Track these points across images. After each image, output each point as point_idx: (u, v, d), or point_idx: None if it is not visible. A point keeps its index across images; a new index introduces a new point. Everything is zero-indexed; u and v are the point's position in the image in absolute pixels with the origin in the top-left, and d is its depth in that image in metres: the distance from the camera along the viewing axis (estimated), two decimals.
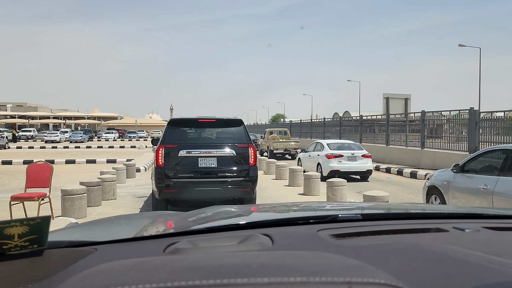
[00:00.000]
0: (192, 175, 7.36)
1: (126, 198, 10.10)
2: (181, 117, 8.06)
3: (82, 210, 7.57)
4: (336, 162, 13.38)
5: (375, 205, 2.30)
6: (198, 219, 1.67)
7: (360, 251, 0.99)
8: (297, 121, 35.57)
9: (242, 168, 7.52)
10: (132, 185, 12.44)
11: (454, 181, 6.89)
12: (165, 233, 1.33)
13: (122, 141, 51.97)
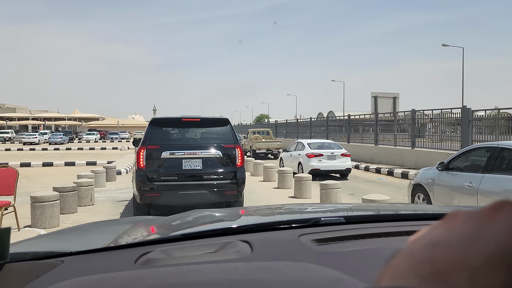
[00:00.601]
0: (176, 178, 6.97)
1: (105, 203, 9.43)
2: (164, 117, 7.64)
3: (55, 218, 6.90)
4: (316, 161, 13.69)
5: (359, 206, 2.27)
6: (178, 224, 1.62)
7: (343, 258, 0.96)
8: (283, 121, 35.16)
9: (229, 170, 7.17)
10: (112, 189, 11.76)
11: (439, 179, 6.92)
12: (138, 242, 1.25)
13: (103, 142, 50.87)
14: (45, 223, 6.75)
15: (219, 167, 7.15)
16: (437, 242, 0.28)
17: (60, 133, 49.19)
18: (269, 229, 1.30)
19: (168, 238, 1.23)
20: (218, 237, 1.20)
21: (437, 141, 15.45)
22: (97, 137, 54.51)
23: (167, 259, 1.01)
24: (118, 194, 10.77)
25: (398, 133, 17.83)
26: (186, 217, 1.75)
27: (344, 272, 0.87)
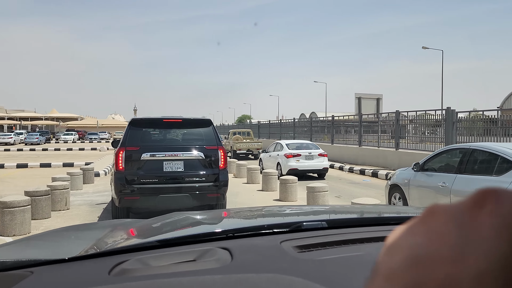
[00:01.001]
0: (156, 181, 6.78)
1: (81, 207, 8.97)
2: (144, 117, 7.41)
3: (25, 225, 6.44)
4: (294, 161, 13.96)
5: (341, 208, 2.22)
6: (156, 229, 1.58)
7: (325, 266, 0.96)
8: (266, 122, 34.92)
9: (211, 172, 7.00)
10: (90, 192, 11.28)
11: (415, 179, 7.10)
12: (113, 250, 1.18)
13: (82, 143, 49.82)
14: (15, 230, 6.30)
15: (201, 169, 6.96)
16: (419, 257, 0.25)
17: (37, 133, 47.84)
18: (250, 234, 1.27)
19: (145, 246, 1.17)
20: (197, 244, 1.16)
21: (421, 142, 15.41)
22: (75, 137, 53.45)
23: (143, 269, 0.96)
24: (96, 197, 10.33)
25: (382, 134, 17.77)
26: (166, 221, 1.69)
27: (326, 282, 0.85)
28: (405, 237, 0.27)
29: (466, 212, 0.26)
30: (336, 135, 21.85)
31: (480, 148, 6.20)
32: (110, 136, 59.60)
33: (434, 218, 0.27)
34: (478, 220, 0.25)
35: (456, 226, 0.25)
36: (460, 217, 0.26)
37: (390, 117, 17.66)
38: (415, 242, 0.26)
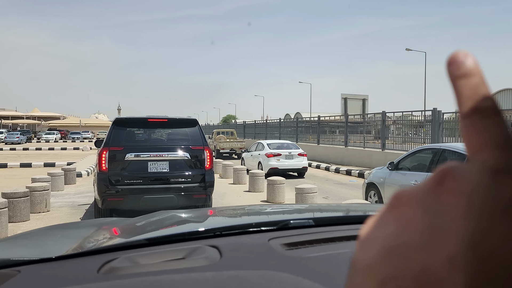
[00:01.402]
0: (140, 181, 6.67)
1: (62, 209, 8.69)
2: (128, 117, 7.26)
3: (2, 228, 6.17)
4: (275, 161, 14.37)
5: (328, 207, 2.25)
6: (144, 227, 1.57)
7: (312, 264, 0.97)
8: (251, 122, 34.79)
9: (197, 172, 6.93)
10: (71, 193, 10.96)
11: (389, 178, 7.45)
12: (101, 248, 1.16)
13: (64, 142, 48.86)
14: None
15: (187, 170, 6.87)
16: (393, 248, 0.24)
17: (17, 133, 46.80)
18: (238, 232, 1.28)
19: (133, 244, 1.16)
20: (186, 242, 1.16)
21: (406, 143, 15.43)
22: (57, 136, 52.52)
23: (132, 267, 0.96)
24: (78, 199, 10.04)
25: (368, 135, 17.78)
26: (153, 219, 1.69)
27: (314, 278, 0.87)
28: (377, 228, 0.26)
29: (429, 194, 0.25)
30: (322, 136, 21.83)
31: (449, 148, 6.64)
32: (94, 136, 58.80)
33: (401, 204, 0.26)
34: (442, 201, 0.24)
35: (423, 211, 0.24)
36: (425, 200, 0.24)
37: (376, 117, 17.69)
38: (387, 232, 0.25)
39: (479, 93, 0.24)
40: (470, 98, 0.24)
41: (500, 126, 0.23)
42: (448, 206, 0.23)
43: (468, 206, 0.22)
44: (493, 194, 0.22)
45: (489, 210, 0.21)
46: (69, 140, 53.64)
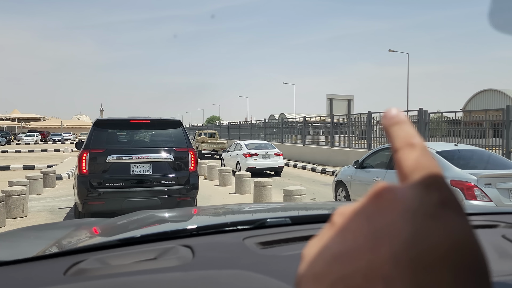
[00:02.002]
0: (122, 184, 6.56)
1: (41, 214, 8.35)
2: (110, 118, 7.13)
3: None
4: (252, 160, 15.00)
5: (306, 205, 2.30)
6: (120, 228, 1.56)
7: (286, 262, 0.97)
8: (236, 123, 34.56)
9: (181, 174, 6.82)
10: (51, 197, 10.59)
11: (355, 175, 7.94)
12: (70, 249, 1.14)
13: (45, 144, 47.97)
14: None
15: (171, 172, 6.77)
16: (339, 254, 0.26)
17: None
18: (214, 232, 1.27)
19: (105, 245, 1.15)
20: (160, 242, 1.15)
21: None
22: (37, 138, 51.49)
23: (101, 268, 0.94)
24: (57, 203, 9.69)
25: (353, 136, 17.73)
26: (129, 220, 1.69)
27: (286, 277, 0.87)
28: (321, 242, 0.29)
29: (369, 205, 0.28)
30: (308, 136, 21.70)
31: None
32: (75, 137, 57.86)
33: (343, 219, 0.29)
34: (381, 210, 0.27)
35: (364, 220, 0.27)
36: (366, 211, 0.28)
37: (362, 117, 17.66)
38: (332, 243, 0.28)
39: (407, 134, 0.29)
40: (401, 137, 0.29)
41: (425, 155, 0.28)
42: (387, 213, 0.26)
43: (405, 211, 0.26)
44: (424, 201, 0.26)
45: (423, 213, 0.25)
46: (50, 141, 52.72)
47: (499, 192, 5.63)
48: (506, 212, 1.58)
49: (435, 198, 0.26)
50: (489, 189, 5.61)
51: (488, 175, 5.69)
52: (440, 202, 0.26)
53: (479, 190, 5.57)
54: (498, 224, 1.35)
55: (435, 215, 0.25)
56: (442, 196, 0.26)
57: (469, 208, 2.01)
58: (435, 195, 0.26)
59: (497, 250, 1.08)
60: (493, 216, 1.48)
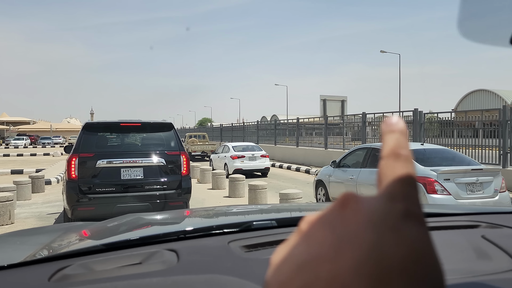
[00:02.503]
0: (113, 189, 6.41)
1: (28, 220, 8.07)
2: (99, 121, 7.16)
3: None
4: (239, 162, 15.44)
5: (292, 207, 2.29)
6: (107, 232, 1.58)
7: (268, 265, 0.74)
8: (228, 124, 34.33)
9: (173, 179, 6.69)
10: (39, 203, 10.28)
11: (333, 175, 8.46)
12: (55, 255, 1.15)
13: (34, 148, 47.25)
14: None
15: (162, 176, 6.63)
16: (303, 263, 0.27)
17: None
18: (200, 235, 1.27)
19: (90, 250, 1.14)
20: (145, 247, 1.15)
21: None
22: (27, 142, 50.95)
23: (85, 274, 0.95)
24: (46, 208, 9.40)
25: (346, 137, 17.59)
26: (117, 223, 1.70)
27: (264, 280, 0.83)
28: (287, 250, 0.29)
29: (334, 215, 0.28)
30: (301, 138, 21.53)
31: (377, 147, 7.86)
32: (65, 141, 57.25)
33: (309, 227, 0.29)
34: (346, 219, 0.27)
35: (329, 229, 0.27)
36: (331, 220, 0.28)
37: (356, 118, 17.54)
38: (297, 251, 0.28)
39: (397, 143, 0.30)
40: (390, 146, 0.30)
41: (406, 167, 0.29)
42: (351, 223, 0.27)
43: (368, 222, 0.26)
44: (388, 212, 0.27)
45: (385, 225, 0.26)
46: (39, 145, 52.09)
47: (457, 186, 6.26)
48: (488, 212, 1.62)
49: (398, 209, 0.27)
50: (448, 183, 6.19)
51: (447, 171, 6.29)
52: (403, 214, 0.26)
53: (439, 185, 6.14)
54: (479, 224, 1.37)
55: (396, 227, 0.26)
56: (405, 208, 0.27)
57: (451, 208, 1.99)
58: (398, 207, 0.27)
59: (476, 251, 1.09)
60: (474, 216, 1.49)
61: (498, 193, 6.57)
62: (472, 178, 6.38)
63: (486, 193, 6.47)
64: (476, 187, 6.42)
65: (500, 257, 1.07)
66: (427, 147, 7.45)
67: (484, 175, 6.51)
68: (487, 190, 6.48)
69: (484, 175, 6.51)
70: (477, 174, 6.46)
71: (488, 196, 6.45)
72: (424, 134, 12.87)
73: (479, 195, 6.39)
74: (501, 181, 6.67)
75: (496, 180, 6.60)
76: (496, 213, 1.63)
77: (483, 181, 6.47)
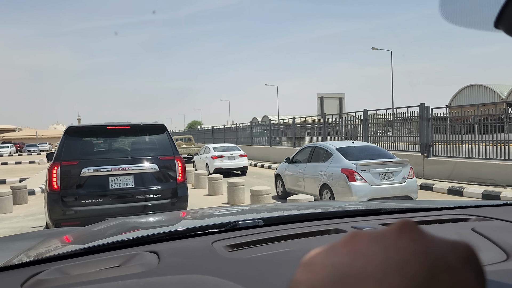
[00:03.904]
0: (101, 201, 5.82)
1: None
2: (83, 125, 6.54)
3: None
4: (219, 161, 16.46)
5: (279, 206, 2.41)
6: (89, 237, 1.57)
7: (254, 265, 0.98)
8: (220, 126, 33.56)
9: (167, 186, 6.11)
10: (21, 215, 9.44)
11: (287, 169, 10.06)
12: (31, 260, 1.12)
13: (20, 156, 46.00)
14: None
15: (156, 184, 6.05)
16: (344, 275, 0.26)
17: None
18: (183, 236, 1.26)
19: (67, 254, 1.12)
20: (126, 249, 1.13)
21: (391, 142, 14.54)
22: (12, 150, 49.61)
23: (60, 279, 0.92)
24: (28, 222, 8.58)
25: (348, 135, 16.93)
26: (100, 228, 1.69)
27: (245, 279, 0.88)
28: (327, 256, 0.29)
29: (389, 237, 0.28)
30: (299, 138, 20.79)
31: (318, 145, 9.52)
32: (52, 147, 55.97)
33: (358, 240, 0.29)
34: (401, 245, 0.27)
35: (380, 249, 0.27)
36: (384, 241, 0.28)
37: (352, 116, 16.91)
38: (339, 261, 0.27)
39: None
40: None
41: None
42: (406, 251, 0.27)
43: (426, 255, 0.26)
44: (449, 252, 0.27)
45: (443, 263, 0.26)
46: (25, 153, 50.79)
47: (372, 175, 7.72)
48: (477, 206, 1.64)
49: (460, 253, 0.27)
50: (365, 173, 7.68)
51: (363, 164, 7.77)
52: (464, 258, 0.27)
53: (358, 175, 7.65)
54: (469, 218, 1.40)
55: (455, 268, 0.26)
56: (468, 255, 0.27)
57: (442, 203, 2.01)
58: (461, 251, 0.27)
59: None
60: (464, 210, 1.53)
61: (406, 179, 7.96)
62: (384, 168, 7.84)
63: (396, 180, 7.88)
64: (387, 175, 7.86)
65: (490, 249, 1.08)
66: (357, 145, 9.06)
67: (394, 166, 7.97)
68: (396, 177, 7.92)
69: (394, 166, 7.96)
70: (389, 165, 7.92)
71: (397, 182, 7.88)
72: (432, 131, 12.15)
73: (390, 182, 7.82)
74: (409, 170, 8.09)
75: (404, 169, 8.04)
76: (486, 206, 1.67)
77: (394, 171, 7.93)
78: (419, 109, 12.32)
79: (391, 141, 14.60)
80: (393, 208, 1.71)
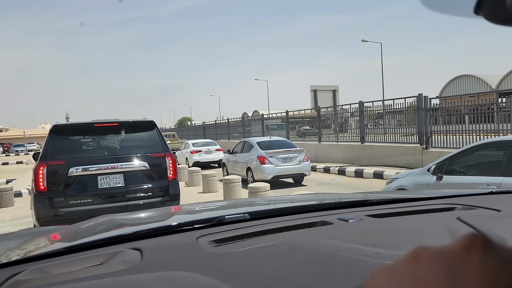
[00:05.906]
0: (90, 201, 5.66)
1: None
2: (70, 123, 6.32)
3: None
4: (197, 156, 18.29)
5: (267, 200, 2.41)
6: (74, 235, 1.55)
7: (238, 259, 0.97)
8: (211, 122, 33.09)
9: (158, 184, 5.98)
10: (7, 219, 8.99)
11: (229, 158, 13.44)
12: (13, 261, 1.09)
13: (7, 156, 45.21)
14: None
15: (146, 182, 5.93)
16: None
17: None
18: (167, 232, 1.25)
19: (48, 253, 1.11)
20: (108, 247, 1.12)
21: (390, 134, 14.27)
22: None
23: (40, 279, 0.91)
24: (14, 227, 8.13)
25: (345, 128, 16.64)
26: (86, 225, 1.68)
27: (230, 274, 0.87)
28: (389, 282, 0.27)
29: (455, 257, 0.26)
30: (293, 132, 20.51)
31: (247, 140, 12.88)
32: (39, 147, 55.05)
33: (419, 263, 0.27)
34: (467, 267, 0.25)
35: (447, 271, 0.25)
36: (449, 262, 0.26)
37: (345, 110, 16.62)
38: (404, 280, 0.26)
39: None
40: None
41: None
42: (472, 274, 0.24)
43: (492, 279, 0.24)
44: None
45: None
46: (12, 153, 49.93)
47: (277, 160, 11.23)
48: (463, 195, 1.67)
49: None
50: (271, 158, 11.19)
51: (271, 152, 11.29)
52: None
53: (267, 160, 11.15)
54: (455, 207, 1.40)
55: None
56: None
57: (429, 193, 1.99)
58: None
59: (451, 233, 1.07)
60: (450, 199, 1.54)
61: (302, 162, 11.43)
62: (284, 155, 11.37)
63: (294, 163, 11.37)
64: (287, 160, 11.37)
65: None
66: (273, 139, 12.72)
67: (293, 153, 11.49)
68: (294, 161, 11.40)
69: (292, 153, 11.48)
70: (288, 153, 11.44)
71: (295, 164, 11.37)
72: (431, 122, 11.89)
73: (289, 164, 11.33)
74: (304, 156, 11.56)
75: (300, 155, 11.55)
76: (472, 195, 1.68)
77: (292, 156, 11.45)
78: (417, 100, 12.05)
79: (390, 133, 14.34)
80: (379, 199, 1.70)
